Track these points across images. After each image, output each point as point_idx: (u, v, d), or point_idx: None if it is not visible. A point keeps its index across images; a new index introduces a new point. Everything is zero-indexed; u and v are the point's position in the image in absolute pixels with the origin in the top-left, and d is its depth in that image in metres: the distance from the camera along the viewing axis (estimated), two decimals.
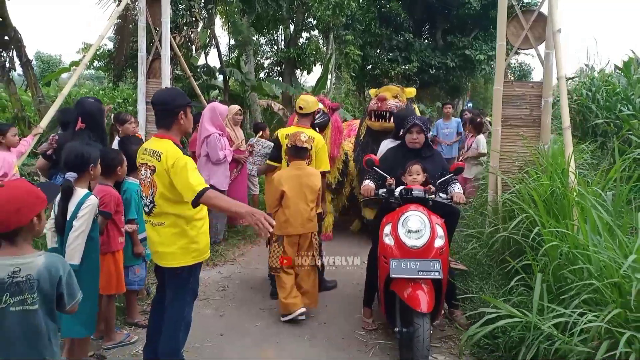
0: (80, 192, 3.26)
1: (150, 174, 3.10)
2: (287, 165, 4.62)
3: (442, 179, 4.07)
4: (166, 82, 6.90)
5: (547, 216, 3.92)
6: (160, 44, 6.97)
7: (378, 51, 20.40)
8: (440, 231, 3.65)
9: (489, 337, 3.75)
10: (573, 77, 12.85)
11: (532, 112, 5.49)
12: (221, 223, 6.09)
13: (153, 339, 3.43)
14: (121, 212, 3.86)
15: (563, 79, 4.91)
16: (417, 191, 3.83)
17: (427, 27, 23.61)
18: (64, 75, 17.15)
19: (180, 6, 11.18)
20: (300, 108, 4.84)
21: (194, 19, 11.38)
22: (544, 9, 5.38)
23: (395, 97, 6.37)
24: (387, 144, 5.03)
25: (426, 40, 22.67)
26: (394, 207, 3.91)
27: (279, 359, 3.81)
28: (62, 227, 3.22)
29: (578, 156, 5.50)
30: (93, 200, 3.27)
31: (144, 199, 3.19)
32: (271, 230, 2.76)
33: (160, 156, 3.04)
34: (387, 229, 3.75)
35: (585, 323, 2.68)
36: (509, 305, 3.44)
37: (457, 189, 4.01)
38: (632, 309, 2.66)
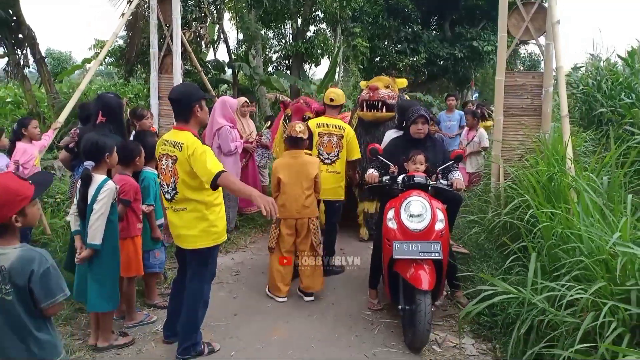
0: (98, 178, 3.54)
1: (172, 163, 3.34)
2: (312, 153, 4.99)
3: (443, 166, 4.31)
4: (178, 77, 7.13)
5: (545, 200, 4.11)
6: (172, 40, 7.19)
7: (386, 43, 20.51)
8: (440, 215, 3.88)
9: (489, 315, 3.98)
10: (579, 67, 12.94)
11: (533, 102, 5.65)
12: (233, 212, 6.32)
13: (173, 318, 3.73)
14: (139, 200, 4.09)
15: (562, 69, 5.07)
16: (419, 178, 4.08)
17: (436, 18, 23.66)
18: (76, 72, 17.45)
19: (190, 2, 11.42)
20: (332, 100, 5.35)
21: (203, 14, 11.59)
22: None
23: (387, 87, 6.30)
24: (390, 134, 5.34)
25: (434, 32, 22.74)
26: (397, 194, 4.14)
27: (290, 336, 4.03)
28: (84, 211, 3.49)
29: (579, 144, 5.65)
30: (111, 185, 3.55)
31: (166, 186, 3.43)
32: (275, 215, 3.04)
33: (181, 146, 3.29)
34: (390, 214, 3.99)
35: (571, 296, 2.86)
36: (507, 284, 3.65)
37: (457, 175, 4.24)
38: (617, 283, 2.84)
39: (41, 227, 5.98)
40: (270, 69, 17.04)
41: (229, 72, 14.26)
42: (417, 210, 3.85)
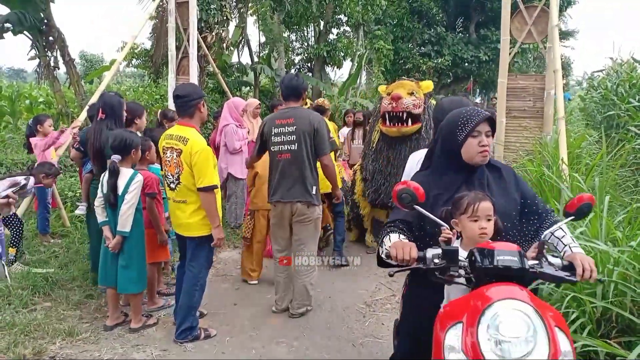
0: (127, 171, 3.87)
1: (177, 155, 3.62)
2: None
3: (551, 226, 2.29)
4: (194, 79, 7.42)
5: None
6: (189, 43, 7.48)
7: (410, 45, 20.57)
8: (563, 340, 1.70)
9: None
10: (601, 70, 12.80)
11: (535, 104, 5.74)
12: (240, 209, 6.55)
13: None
14: (160, 191, 4.41)
15: (558, 72, 5.14)
16: (509, 256, 1.85)
17: (461, 20, 23.61)
18: (106, 73, 18.08)
19: (212, 6, 11.72)
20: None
21: (225, 17, 11.87)
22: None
23: (411, 93, 5.21)
24: (417, 158, 3.10)
25: (460, 34, 22.70)
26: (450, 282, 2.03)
27: (284, 324, 4.22)
28: (114, 202, 3.82)
29: (577, 145, 5.69)
30: (140, 178, 3.90)
31: (170, 177, 3.72)
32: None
33: (186, 141, 3.58)
34: (453, 336, 1.76)
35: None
36: None
37: (575, 247, 2.20)
38: None
39: (61, 220, 6.34)
40: (292, 71, 17.28)
41: (251, 74, 14.55)
42: (517, 331, 1.66)
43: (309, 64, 17.33)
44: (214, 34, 11.81)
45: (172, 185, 3.73)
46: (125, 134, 3.99)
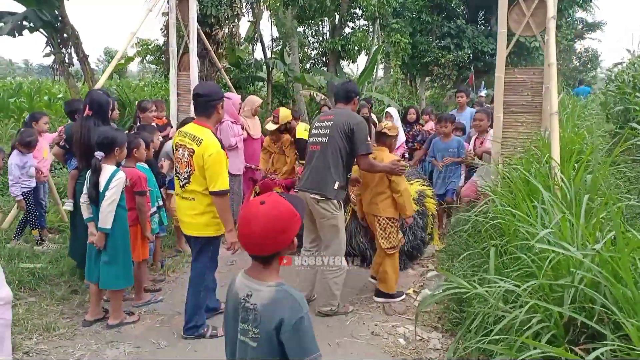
0: (109, 168, 3.91)
1: (188, 155, 3.63)
2: None
3: None
4: (194, 74, 7.42)
5: (527, 199, 4.07)
6: (189, 39, 7.48)
7: (429, 39, 20.26)
8: None
9: (458, 310, 4.01)
10: (620, 63, 12.40)
11: (533, 99, 5.55)
12: (236, 206, 6.52)
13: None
14: (147, 188, 4.44)
15: (553, 65, 4.96)
16: None
17: (482, 12, 23.14)
18: (132, 68, 18.34)
19: (223, 1, 11.74)
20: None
21: (235, 13, 11.88)
22: None
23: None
24: None
25: (482, 27, 22.26)
26: None
27: None
28: (96, 198, 3.85)
29: (576, 143, 5.49)
30: (121, 174, 3.93)
31: (180, 174, 3.74)
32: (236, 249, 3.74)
33: (200, 142, 3.58)
34: None
35: (501, 292, 2.88)
36: (475, 279, 3.68)
37: None
38: (551, 280, 2.83)
39: (60, 215, 6.43)
40: (307, 66, 17.21)
41: (264, 69, 14.54)
42: None
43: (323, 59, 17.23)
44: (224, 30, 11.86)
45: (182, 183, 3.75)
46: (111, 131, 4.02)
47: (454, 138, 6.38)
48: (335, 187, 4.19)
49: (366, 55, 16.88)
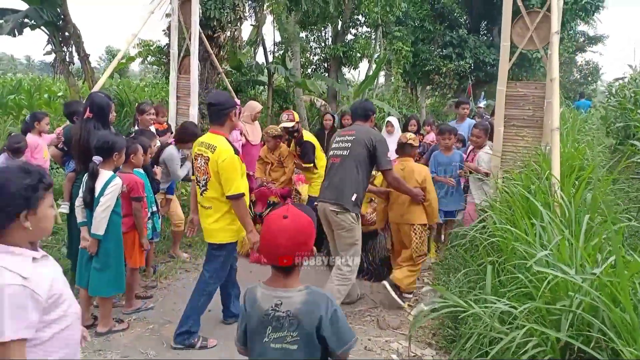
0: (106, 174, 3.85)
1: (204, 163, 3.73)
2: None
3: None
4: (194, 77, 7.37)
5: (524, 216, 4.02)
6: (190, 42, 7.43)
7: (431, 47, 20.25)
8: None
9: (452, 327, 3.95)
10: (621, 78, 12.39)
11: (535, 113, 5.51)
12: None
13: (226, 302, 4.29)
14: (143, 194, 4.41)
15: (556, 81, 4.91)
16: None
17: (485, 23, 23.16)
18: (133, 68, 18.27)
19: (226, 4, 11.68)
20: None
21: (238, 17, 11.84)
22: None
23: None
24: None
25: (484, 37, 22.27)
26: None
27: None
28: (91, 203, 3.80)
29: (577, 158, 5.44)
30: (118, 181, 3.87)
31: (199, 182, 3.83)
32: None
33: (214, 149, 3.67)
34: None
35: (498, 313, 2.82)
36: (470, 296, 3.63)
37: None
38: (550, 303, 2.78)
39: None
40: (309, 71, 17.17)
41: (265, 73, 14.50)
42: None
43: (325, 64, 17.20)
44: (227, 33, 11.81)
45: (200, 191, 3.84)
46: (110, 136, 3.97)
47: (455, 152, 6.12)
48: (354, 199, 4.30)
49: (368, 62, 16.85)
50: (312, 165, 5.87)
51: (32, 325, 1.68)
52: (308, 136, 6.09)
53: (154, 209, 4.77)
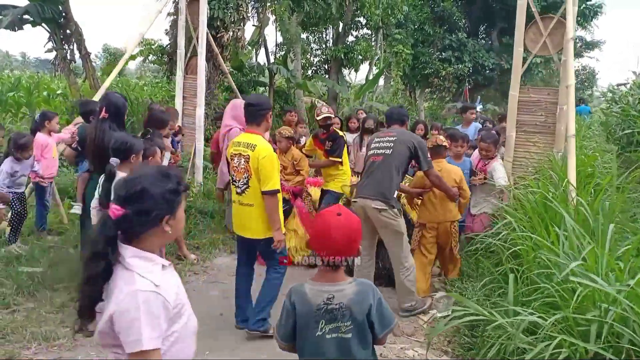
0: (123, 176, 3.71)
1: (245, 162, 3.83)
2: None
3: None
4: (202, 78, 7.32)
5: (541, 223, 4.00)
6: (198, 42, 7.38)
7: (430, 50, 20.27)
8: None
9: (469, 335, 3.92)
10: (624, 84, 12.44)
11: (547, 119, 5.51)
12: None
13: (243, 305, 4.22)
14: None
15: (571, 87, 4.91)
16: None
17: (484, 27, 23.24)
18: (130, 66, 18.15)
19: (230, 4, 11.64)
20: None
21: (241, 17, 11.79)
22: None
23: None
24: None
25: (482, 41, 22.34)
26: None
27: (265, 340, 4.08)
28: (107, 207, 3.67)
29: (589, 164, 5.45)
30: None
31: (237, 182, 3.92)
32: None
33: (254, 147, 3.80)
34: None
35: (532, 324, 2.79)
36: (489, 305, 3.61)
37: None
38: (579, 314, 2.75)
39: (59, 216, 6.30)
40: (309, 72, 17.14)
41: (266, 74, 14.45)
42: None
43: (326, 66, 17.18)
44: (230, 33, 11.75)
45: (239, 190, 3.92)
46: (128, 137, 3.92)
47: (465, 159, 5.74)
48: (395, 195, 4.46)
49: (369, 64, 16.84)
50: (341, 160, 5.91)
51: (162, 335, 1.64)
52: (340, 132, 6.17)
53: None
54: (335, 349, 2.04)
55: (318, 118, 5.98)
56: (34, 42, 15.14)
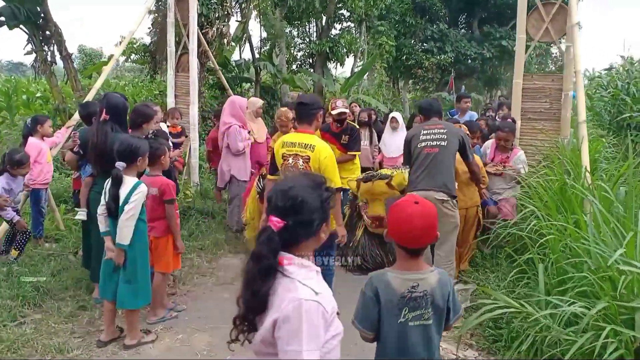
0: (130, 180, 3.60)
1: (304, 162, 3.85)
2: None
3: None
4: (194, 75, 7.14)
5: (556, 211, 3.95)
6: (188, 39, 7.20)
7: (412, 41, 20.24)
8: None
9: (493, 327, 3.85)
10: (609, 69, 12.54)
11: (552, 106, 5.48)
12: (239, 213, 6.27)
13: None
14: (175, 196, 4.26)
15: (580, 73, 4.89)
16: None
17: (464, 16, 23.30)
18: (105, 68, 17.75)
19: (213, 0, 11.42)
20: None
21: (226, 12, 11.59)
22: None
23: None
24: None
25: (462, 30, 22.40)
26: None
27: None
28: (116, 212, 3.56)
29: (597, 150, 5.44)
30: (143, 188, 3.63)
31: None
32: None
33: (313, 148, 3.83)
34: None
35: (572, 313, 2.73)
36: (513, 296, 3.54)
37: None
38: (623, 302, 2.70)
39: (55, 223, 6.09)
40: (294, 67, 16.99)
41: (252, 70, 14.26)
42: None
43: (310, 60, 17.04)
44: (214, 29, 11.54)
45: None
46: (133, 140, 3.72)
47: (476, 147, 5.55)
48: (455, 187, 4.47)
49: (354, 57, 16.74)
50: (356, 155, 5.84)
51: (321, 346, 1.62)
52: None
53: None
54: (418, 336, 2.10)
55: (333, 112, 5.81)
56: (5, 45, 14.65)
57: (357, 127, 6.06)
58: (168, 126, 5.84)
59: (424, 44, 20.27)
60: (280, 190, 1.74)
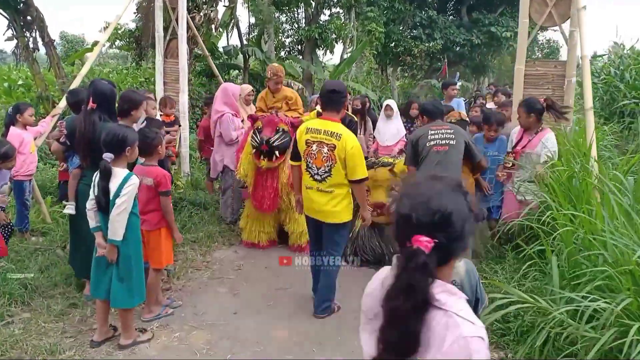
0: (120, 172, 3.38)
1: (329, 150, 3.85)
2: None
3: None
4: (183, 62, 6.91)
5: (565, 201, 3.84)
6: (177, 24, 6.95)
7: (401, 28, 20.03)
8: None
9: (501, 321, 3.74)
10: (602, 55, 12.50)
11: (554, 93, 5.35)
12: (237, 203, 6.10)
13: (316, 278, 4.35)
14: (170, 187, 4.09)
15: (587, 59, 4.76)
16: None
17: (453, 3, 23.13)
18: (89, 55, 17.29)
19: None
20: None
21: None
22: None
23: None
24: None
25: (451, 17, 22.23)
26: None
27: (290, 337, 3.84)
28: (106, 206, 3.35)
29: (601, 137, 5.34)
30: (135, 180, 3.42)
31: (316, 169, 3.95)
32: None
33: (339, 137, 3.82)
34: None
35: (594, 310, 2.62)
36: (522, 290, 3.43)
37: None
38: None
39: (41, 215, 5.86)
40: (282, 54, 16.72)
41: (240, 57, 13.99)
42: None
43: (299, 47, 16.78)
44: (202, 14, 11.25)
45: (318, 177, 3.95)
46: (120, 129, 3.49)
47: (501, 137, 5.19)
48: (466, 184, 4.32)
49: (343, 44, 16.52)
50: None
51: None
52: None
53: None
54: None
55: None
56: None
57: (355, 118, 5.88)
58: (161, 115, 5.61)
59: (413, 31, 20.07)
60: (419, 203, 1.37)
